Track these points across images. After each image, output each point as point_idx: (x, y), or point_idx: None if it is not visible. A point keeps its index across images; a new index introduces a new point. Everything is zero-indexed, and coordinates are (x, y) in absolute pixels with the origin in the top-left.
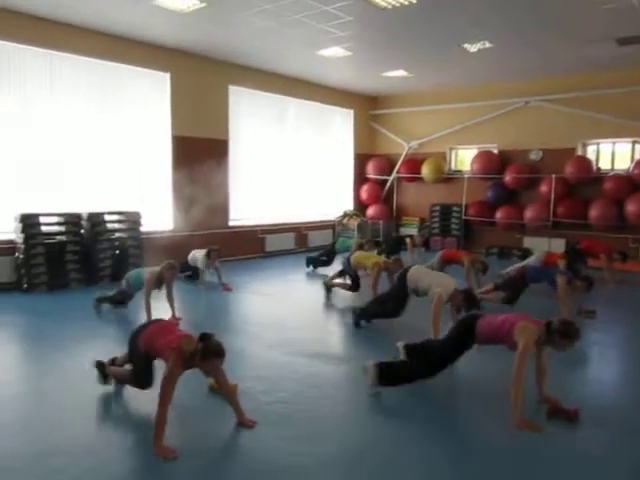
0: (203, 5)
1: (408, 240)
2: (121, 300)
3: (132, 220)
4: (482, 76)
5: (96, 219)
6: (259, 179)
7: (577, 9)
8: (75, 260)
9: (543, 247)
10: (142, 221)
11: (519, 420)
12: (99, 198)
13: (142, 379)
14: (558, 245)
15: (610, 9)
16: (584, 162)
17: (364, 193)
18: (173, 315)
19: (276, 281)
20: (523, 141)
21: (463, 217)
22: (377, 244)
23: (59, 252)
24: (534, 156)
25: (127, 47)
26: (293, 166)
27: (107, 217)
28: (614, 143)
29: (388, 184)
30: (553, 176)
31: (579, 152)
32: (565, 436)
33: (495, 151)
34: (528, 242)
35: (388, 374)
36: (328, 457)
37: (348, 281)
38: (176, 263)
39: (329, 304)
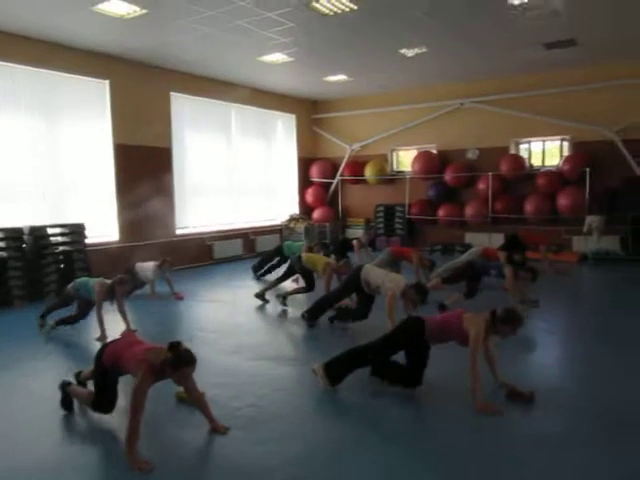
0: (144, 12)
1: (355, 242)
2: (72, 316)
3: (76, 232)
4: (420, 79)
5: (38, 232)
6: (205, 186)
7: (506, 17)
8: (17, 276)
9: (483, 242)
10: (86, 233)
11: (479, 405)
12: (40, 211)
13: (104, 400)
14: (498, 239)
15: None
16: (518, 160)
17: (309, 196)
18: (128, 327)
19: (227, 288)
20: (460, 141)
21: (407, 216)
22: (325, 246)
23: (0, 269)
24: (471, 155)
25: (65, 54)
26: (238, 172)
27: (50, 230)
28: (544, 141)
29: (332, 187)
30: (490, 174)
31: (512, 150)
32: (523, 417)
33: (434, 151)
34: (469, 238)
35: (333, 371)
36: (297, 456)
37: (299, 284)
38: (128, 278)
39: (279, 309)
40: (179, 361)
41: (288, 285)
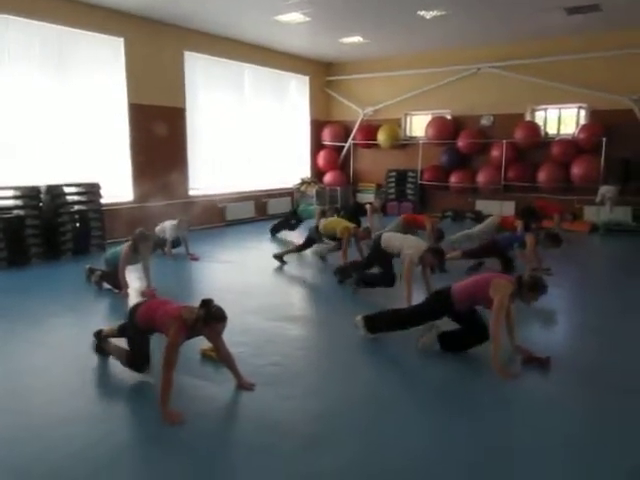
0: None
1: (368, 206)
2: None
3: (92, 192)
4: (436, 43)
5: (55, 191)
6: (217, 148)
7: None
8: (35, 234)
9: (495, 210)
10: (102, 192)
11: (499, 369)
12: (56, 169)
13: (139, 358)
14: (509, 207)
15: None
16: (533, 127)
17: (321, 160)
18: (148, 285)
19: (241, 249)
20: (475, 107)
21: (418, 182)
22: (337, 211)
23: (17, 227)
24: (485, 121)
25: (81, 11)
26: (250, 134)
27: (66, 189)
28: (560, 109)
29: (344, 151)
30: (504, 141)
31: (527, 117)
32: (540, 381)
33: (449, 117)
34: (481, 205)
35: (373, 322)
36: (320, 412)
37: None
38: (149, 233)
39: (293, 271)
40: (210, 317)
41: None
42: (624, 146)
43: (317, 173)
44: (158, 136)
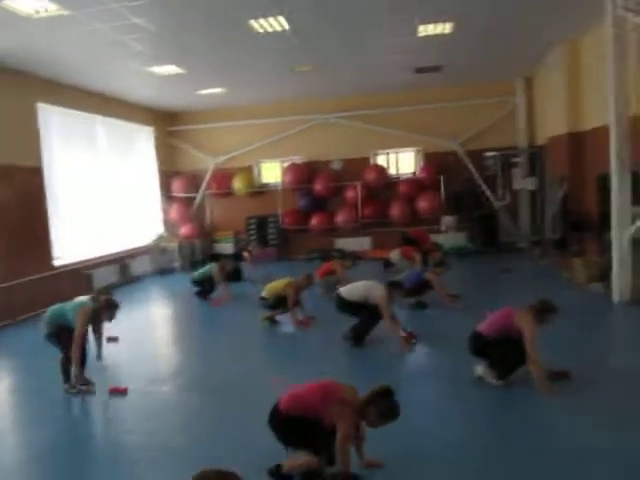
0: None
1: (247, 254)
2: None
3: None
4: (291, 94)
5: None
6: (78, 209)
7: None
8: None
9: (354, 246)
10: None
11: (545, 388)
12: None
13: (318, 443)
14: (365, 243)
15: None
16: (380, 169)
17: (174, 213)
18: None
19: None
20: (325, 153)
21: (281, 226)
22: (237, 258)
23: None
24: (336, 165)
25: None
26: (106, 190)
27: None
28: (397, 153)
29: (197, 201)
30: (357, 183)
31: (372, 161)
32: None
33: (301, 162)
34: (340, 243)
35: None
36: None
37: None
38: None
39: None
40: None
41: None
42: (455, 182)
43: (171, 226)
44: (17, 201)
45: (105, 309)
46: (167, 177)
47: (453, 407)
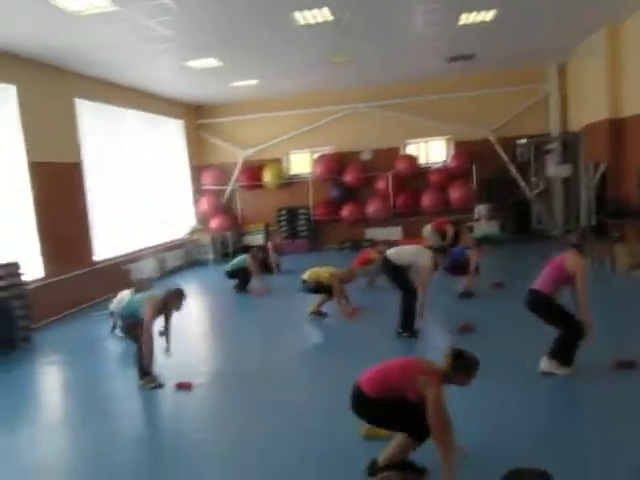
0: None
1: (269, 244)
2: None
3: (10, 274)
4: (322, 85)
5: None
6: (115, 204)
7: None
8: None
9: (386, 236)
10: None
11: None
12: None
13: (416, 424)
14: (396, 232)
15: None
16: (411, 159)
17: (204, 205)
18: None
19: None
20: (356, 143)
21: (312, 218)
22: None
23: None
24: (365, 156)
25: None
26: (142, 185)
27: None
28: (426, 142)
29: (227, 193)
30: (389, 173)
31: (402, 151)
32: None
33: (332, 152)
34: (370, 233)
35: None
36: None
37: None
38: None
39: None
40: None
41: None
42: (487, 170)
43: (202, 219)
44: (61, 197)
45: (174, 299)
46: (197, 170)
47: (528, 399)
